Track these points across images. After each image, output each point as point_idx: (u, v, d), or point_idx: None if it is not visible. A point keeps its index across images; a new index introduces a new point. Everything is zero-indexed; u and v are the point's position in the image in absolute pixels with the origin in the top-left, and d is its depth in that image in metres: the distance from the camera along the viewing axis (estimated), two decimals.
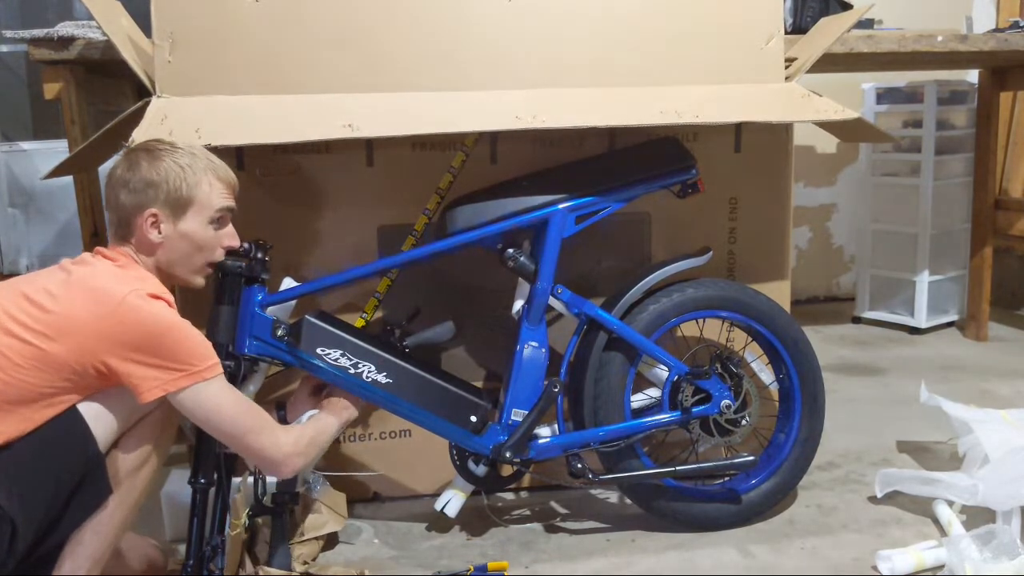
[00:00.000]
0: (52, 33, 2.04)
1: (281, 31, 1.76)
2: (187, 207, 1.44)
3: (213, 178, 1.47)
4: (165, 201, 1.42)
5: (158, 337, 1.31)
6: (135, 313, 1.30)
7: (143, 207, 1.41)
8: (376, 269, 1.77)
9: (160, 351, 1.31)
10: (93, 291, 1.31)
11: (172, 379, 1.32)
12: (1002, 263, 3.63)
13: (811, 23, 2.51)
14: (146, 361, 1.30)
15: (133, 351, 1.30)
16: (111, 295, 1.30)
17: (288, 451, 1.45)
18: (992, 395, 2.64)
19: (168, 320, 1.33)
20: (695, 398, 1.80)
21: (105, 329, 1.28)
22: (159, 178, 1.41)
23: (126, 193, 1.42)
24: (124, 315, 1.29)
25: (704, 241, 1.98)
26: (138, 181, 1.41)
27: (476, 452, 1.76)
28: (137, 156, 1.43)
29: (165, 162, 1.42)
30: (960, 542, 1.62)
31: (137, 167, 1.42)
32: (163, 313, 1.33)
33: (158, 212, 1.42)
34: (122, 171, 1.43)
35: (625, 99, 1.81)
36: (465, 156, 1.92)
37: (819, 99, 1.81)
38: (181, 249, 1.45)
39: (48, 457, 1.29)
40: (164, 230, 1.43)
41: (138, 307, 1.30)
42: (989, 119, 3.16)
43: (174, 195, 1.43)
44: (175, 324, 1.33)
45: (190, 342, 1.34)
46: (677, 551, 1.77)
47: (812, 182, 3.97)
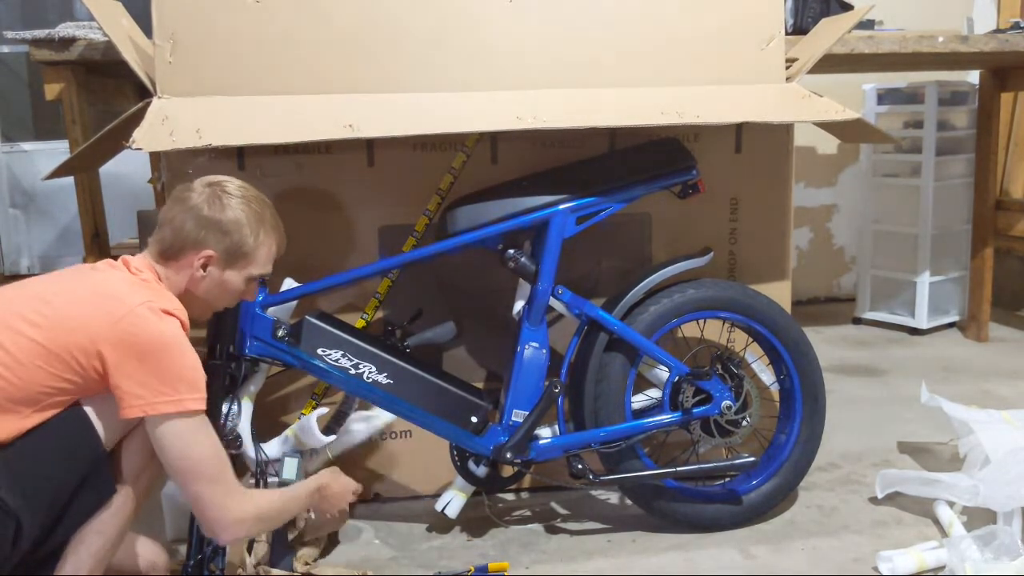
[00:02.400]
0: (53, 34, 2.05)
1: (282, 32, 1.76)
2: (242, 261, 1.44)
3: (273, 244, 1.48)
4: (227, 249, 1.42)
5: (155, 354, 1.27)
6: (141, 323, 1.28)
7: (203, 245, 1.41)
8: (377, 270, 1.77)
9: (153, 369, 1.27)
10: (105, 297, 1.30)
11: (155, 402, 1.28)
12: (1003, 264, 3.63)
13: (812, 24, 2.51)
14: (136, 376, 1.27)
15: (128, 361, 1.27)
16: (122, 302, 1.29)
17: (234, 517, 1.35)
18: (993, 396, 2.64)
19: (171, 339, 1.30)
20: (696, 399, 1.80)
21: (109, 333, 1.26)
22: (233, 226, 1.42)
23: (195, 224, 1.40)
24: (130, 323, 1.27)
25: (705, 242, 1.98)
26: (212, 220, 1.40)
27: (477, 453, 1.76)
28: (219, 192, 1.43)
29: (243, 211, 1.43)
30: (961, 543, 1.62)
31: (217, 204, 1.41)
32: (168, 331, 1.30)
33: (215, 255, 1.41)
34: (201, 200, 1.41)
35: (626, 99, 1.81)
36: (466, 156, 1.92)
37: (820, 100, 1.81)
38: (212, 291, 1.45)
39: (53, 455, 1.28)
40: (210, 271, 1.42)
41: (146, 319, 1.28)
42: (990, 120, 3.16)
43: (238, 247, 1.43)
44: (176, 345, 1.30)
45: (185, 369, 1.30)
46: (678, 552, 1.77)
47: (813, 182, 3.97)
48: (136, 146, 1.49)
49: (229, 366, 1.62)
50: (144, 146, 1.51)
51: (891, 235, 3.48)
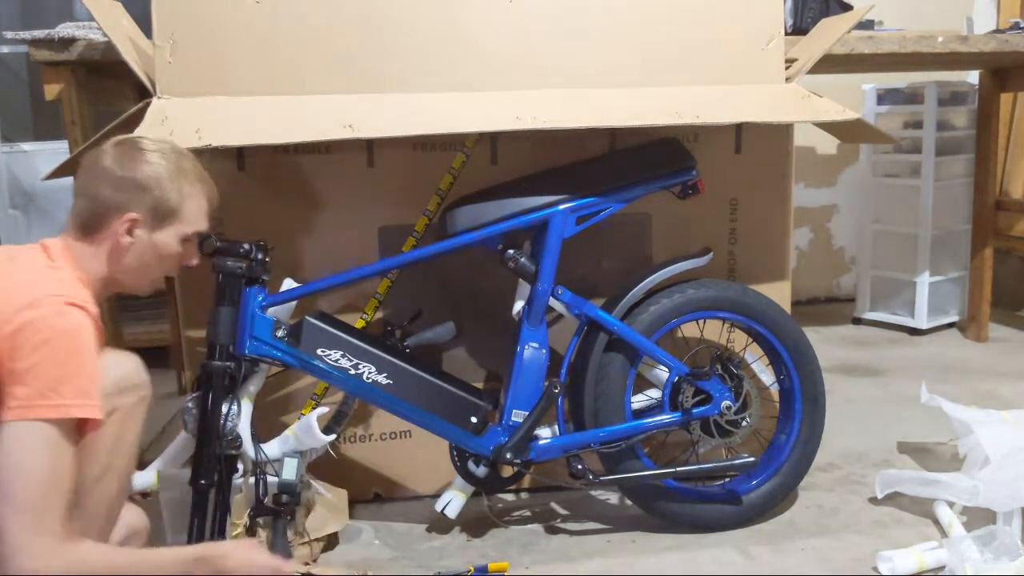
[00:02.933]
0: (53, 34, 2.04)
1: (282, 32, 1.76)
2: (170, 219, 1.33)
3: (202, 196, 1.38)
4: (151, 208, 1.31)
5: (49, 348, 1.12)
6: (39, 316, 1.13)
7: (124, 208, 1.29)
8: (377, 270, 1.77)
9: (43, 366, 1.11)
10: (8, 289, 1.17)
11: (35, 405, 1.10)
12: (1003, 264, 3.63)
13: (811, 24, 2.51)
14: (22, 372, 1.11)
15: (18, 356, 1.11)
16: (25, 293, 1.15)
17: (30, 564, 1.08)
18: (993, 396, 2.64)
19: (71, 333, 1.15)
20: (695, 399, 1.80)
21: (5, 327, 1.12)
22: (151, 182, 1.30)
23: (110, 188, 1.29)
24: (27, 316, 1.13)
25: (705, 242, 1.98)
26: (127, 179, 1.29)
27: (476, 453, 1.76)
28: (130, 150, 1.32)
29: (160, 165, 1.32)
30: (961, 543, 1.62)
31: (129, 163, 1.30)
32: (70, 325, 1.15)
33: (139, 217, 1.30)
34: (111, 163, 1.30)
35: (626, 100, 1.81)
36: (466, 157, 1.92)
37: (819, 100, 1.81)
38: (145, 259, 1.33)
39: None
40: (137, 235, 1.31)
41: (46, 311, 1.14)
42: (989, 120, 3.16)
43: (163, 203, 1.32)
44: (76, 341, 1.15)
45: (81, 369, 1.14)
46: (678, 552, 1.77)
47: (813, 183, 3.97)
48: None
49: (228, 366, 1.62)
50: None
51: (891, 235, 3.48)
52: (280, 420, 1.92)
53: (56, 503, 1.11)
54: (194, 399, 1.63)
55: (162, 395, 2.75)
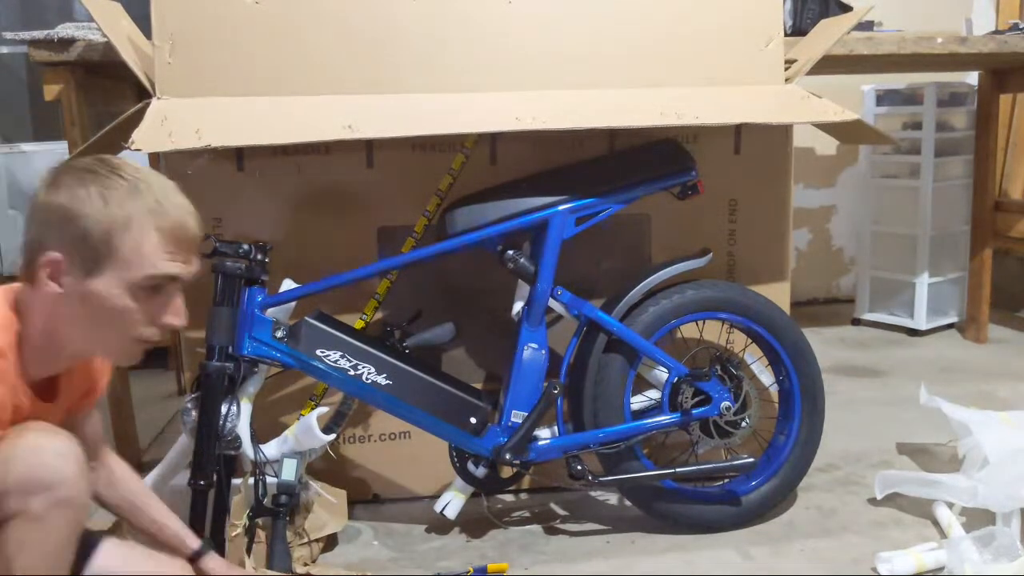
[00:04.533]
0: (52, 35, 2.04)
1: (281, 32, 1.76)
2: (104, 262, 1.03)
3: (151, 228, 1.05)
4: (74, 244, 1.02)
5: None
6: None
7: (44, 246, 1.02)
8: (376, 270, 1.77)
9: None
10: None
11: None
12: (1002, 265, 3.63)
13: (811, 25, 2.51)
14: None
15: None
16: None
17: None
18: (992, 397, 2.64)
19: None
20: (695, 400, 1.80)
21: None
22: (75, 210, 1.02)
23: (30, 220, 1.04)
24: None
25: (704, 243, 1.98)
26: (51, 209, 1.02)
27: (476, 454, 1.76)
28: (65, 172, 1.05)
29: (89, 189, 1.03)
30: (960, 544, 1.62)
31: (53, 188, 1.03)
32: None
33: (62, 258, 1.02)
34: (43, 190, 1.05)
35: (625, 101, 1.81)
36: (465, 157, 1.92)
37: (818, 101, 1.81)
38: (81, 315, 1.05)
39: None
40: (65, 284, 1.04)
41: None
42: (989, 121, 3.16)
43: (88, 241, 1.02)
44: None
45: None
46: (677, 553, 1.77)
47: (812, 184, 3.97)
48: (135, 147, 1.49)
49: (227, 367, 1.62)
50: (143, 147, 1.51)
51: (890, 236, 3.48)
52: (279, 421, 1.92)
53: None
54: (193, 400, 1.63)
55: (162, 395, 2.75)
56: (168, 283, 1.08)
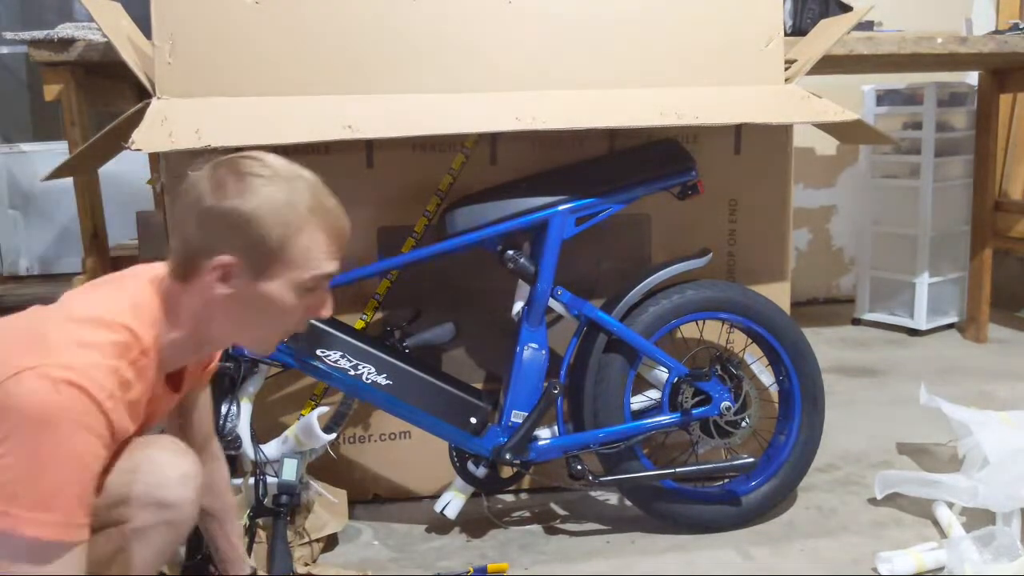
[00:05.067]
0: (52, 35, 2.05)
1: (281, 33, 1.76)
2: (276, 266, 1.03)
3: (318, 230, 1.06)
4: (249, 248, 1.02)
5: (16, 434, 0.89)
6: (19, 391, 0.90)
7: (214, 250, 1.01)
8: (376, 270, 1.77)
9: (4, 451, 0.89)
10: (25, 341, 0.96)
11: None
12: (1002, 265, 3.63)
13: (811, 25, 2.51)
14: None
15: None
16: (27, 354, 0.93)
17: None
18: (992, 397, 2.64)
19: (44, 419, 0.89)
20: (695, 400, 1.80)
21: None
22: (250, 216, 1.01)
23: (196, 224, 1.02)
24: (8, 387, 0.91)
25: (704, 243, 1.98)
26: (220, 211, 1.01)
27: (476, 454, 1.76)
28: (227, 174, 1.03)
29: (262, 193, 1.02)
30: (960, 544, 1.62)
31: (224, 189, 1.01)
32: (46, 410, 0.89)
33: (236, 262, 1.02)
34: (205, 187, 1.02)
35: (625, 101, 1.81)
36: (465, 157, 1.92)
37: (818, 101, 1.81)
38: (249, 314, 1.06)
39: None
40: (235, 285, 1.03)
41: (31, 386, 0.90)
42: (989, 121, 3.16)
43: (262, 245, 1.02)
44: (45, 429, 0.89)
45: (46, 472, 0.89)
46: (677, 553, 1.77)
47: (812, 184, 3.97)
48: (135, 147, 1.49)
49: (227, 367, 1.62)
50: (143, 147, 1.51)
51: (890, 236, 3.48)
52: (279, 421, 1.92)
53: None
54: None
55: None
56: (324, 279, 1.09)
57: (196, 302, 1.05)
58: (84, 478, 0.93)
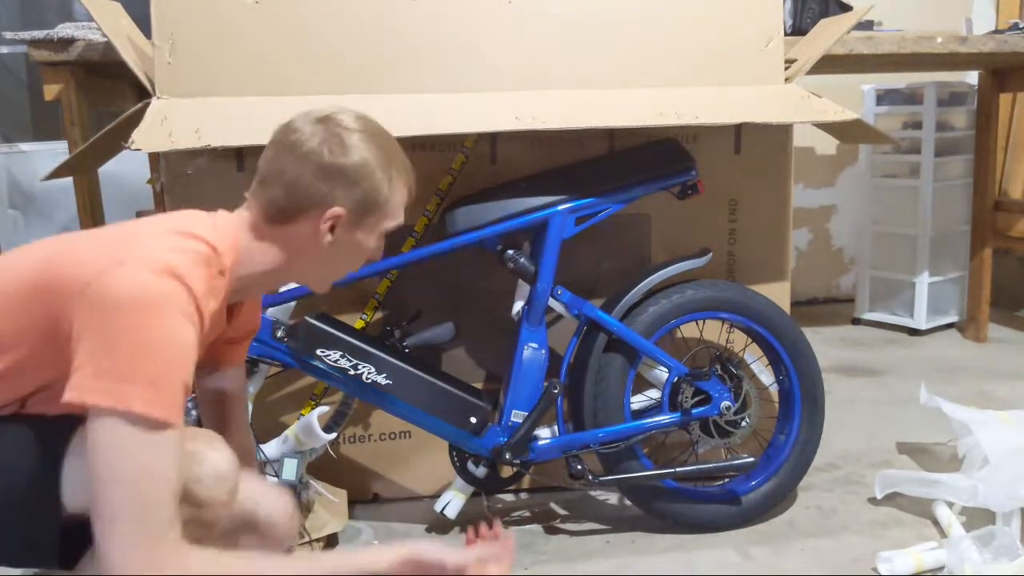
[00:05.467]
0: (52, 34, 2.04)
1: (281, 33, 1.76)
2: (376, 216, 1.15)
3: (404, 185, 1.19)
4: (358, 202, 1.12)
5: (119, 318, 0.92)
6: (120, 279, 0.93)
7: (330, 202, 1.10)
8: (376, 270, 1.77)
9: (108, 339, 0.92)
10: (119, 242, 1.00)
11: (91, 386, 0.91)
12: (1002, 264, 3.63)
13: (811, 24, 2.51)
14: (89, 345, 0.92)
15: (89, 323, 0.93)
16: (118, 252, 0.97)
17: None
18: (992, 396, 2.64)
19: (150, 305, 0.93)
20: (695, 399, 1.80)
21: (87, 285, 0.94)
22: (363, 173, 1.11)
23: (314, 176, 1.09)
24: (110, 276, 0.94)
25: (704, 242, 1.98)
26: (336, 168, 1.10)
27: (476, 453, 1.76)
28: (336, 130, 1.11)
29: (370, 151, 1.12)
30: (960, 543, 1.62)
31: (338, 147, 1.10)
32: (153, 293, 0.93)
33: (344, 213, 1.11)
34: (318, 143, 1.10)
35: (625, 100, 1.81)
36: (465, 157, 1.92)
37: (818, 100, 1.81)
38: (340, 258, 1.15)
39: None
40: (338, 235, 1.12)
41: (132, 274, 0.94)
42: (989, 120, 3.16)
43: (371, 199, 1.13)
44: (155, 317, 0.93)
45: (149, 353, 0.92)
46: (677, 552, 1.77)
47: (812, 183, 3.97)
48: (135, 147, 1.49)
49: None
50: (143, 147, 1.51)
51: (890, 236, 3.48)
52: (280, 420, 1.92)
53: (151, 516, 0.91)
54: (193, 399, 1.63)
55: None
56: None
57: (291, 245, 1.12)
58: (185, 366, 0.96)
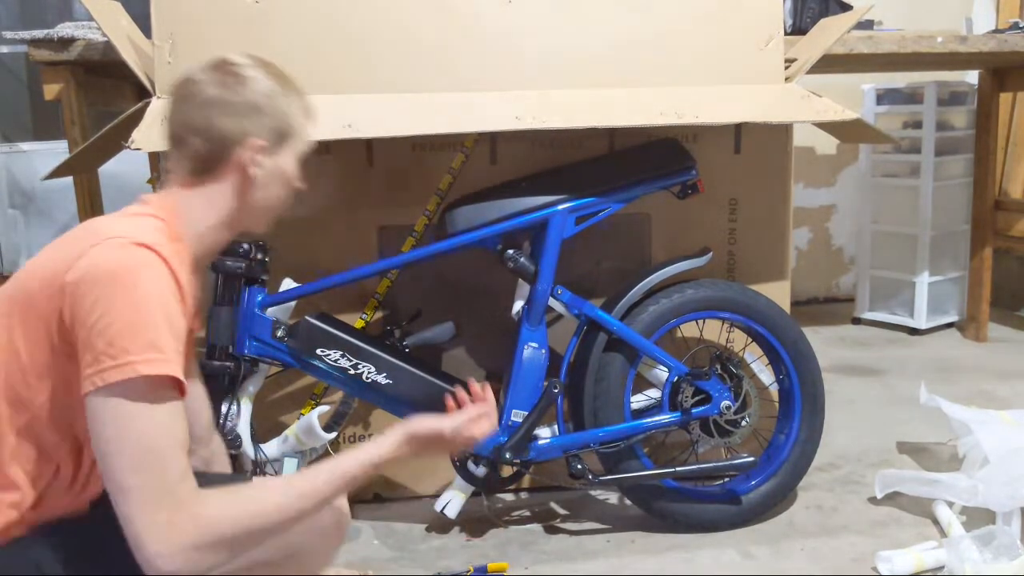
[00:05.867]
0: (52, 34, 2.04)
1: (281, 32, 1.76)
2: (287, 138, 1.19)
3: (303, 107, 1.23)
4: (271, 129, 1.15)
5: (106, 293, 0.95)
6: (98, 257, 0.97)
7: (248, 134, 1.13)
8: (376, 270, 1.77)
9: (101, 319, 0.94)
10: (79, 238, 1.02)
11: (102, 369, 0.93)
12: (1002, 264, 3.63)
13: (811, 24, 2.51)
14: (86, 332, 0.94)
15: (80, 308, 0.95)
16: (89, 239, 1.00)
17: (164, 546, 0.92)
18: (992, 396, 2.64)
19: (130, 273, 0.96)
20: (695, 399, 1.80)
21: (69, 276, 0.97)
22: (265, 100, 1.14)
23: (225, 116, 1.12)
24: (89, 259, 0.97)
25: (704, 242, 1.98)
26: (242, 103, 1.13)
27: (476, 453, 1.76)
28: (231, 70, 1.15)
29: (265, 80, 1.16)
30: (960, 543, 1.62)
31: (239, 85, 1.13)
32: (131, 263, 0.97)
33: (264, 142, 1.14)
34: (216, 89, 1.12)
35: (625, 100, 1.81)
36: (465, 157, 1.92)
37: (819, 100, 1.81)
38: (272, 189, 1.19)
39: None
40: (263, 164, 1.15)
41: (107, 251, 0.97)
42: (989, 120, 3.16)
43: (281, 122, 1.16)
44: (137, 282, 0.96)
45: (140, 316, 0.94)
46: (677, 552, 1.77)
47: (812, 183, 3.97)
48: (135, 146, 1.49)
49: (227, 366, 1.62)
50: (143, 146, 1.51)
51: (890, 235, 3.48)
52: (280, 420, 1.92)
53: (160, 476, 0.93)
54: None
55: None
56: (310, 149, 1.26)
57: (226, 190, 1.15)
58: (176, 320, 0.98)
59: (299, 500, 1.03)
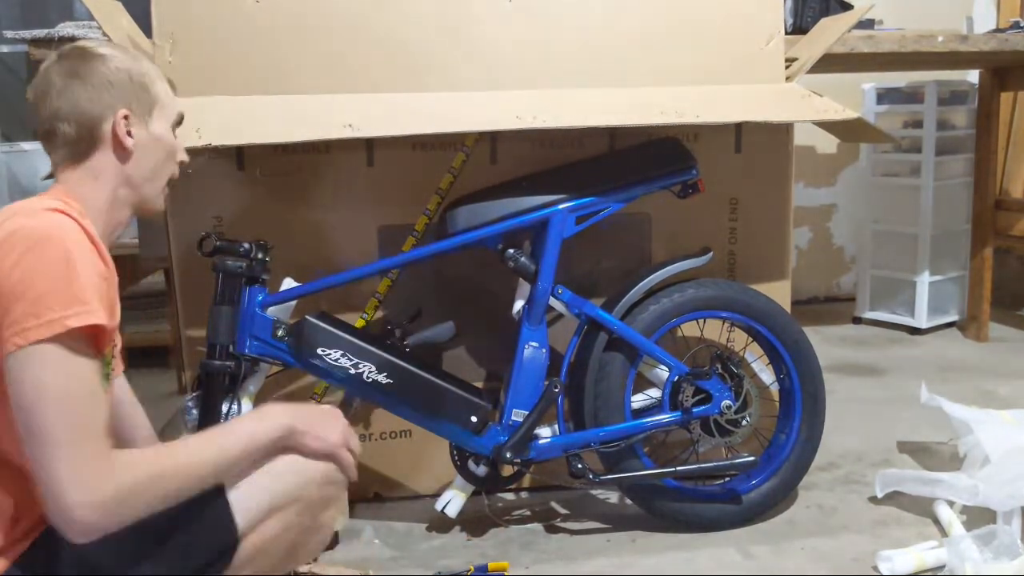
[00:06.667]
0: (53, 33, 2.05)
1: (282, 32, 1.76)
2: (153, 105, 1.21)
3: (161, 77, 1.25)
4: (133, 97, 1.18)
5: (25, 258, 0.98)
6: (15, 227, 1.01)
7: (113, 106, 1.15)
8: (377, 269, 1.77)
9: (21, 283, 0.97)
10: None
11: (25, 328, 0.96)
12: (1002, 263, 3.63)
13: (812, 23, 2.51)
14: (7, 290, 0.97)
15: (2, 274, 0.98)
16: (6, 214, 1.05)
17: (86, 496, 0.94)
18: (992, 395, 2.64)
19: (46, 236, 1.00)
20: (695, 398, 1.80)
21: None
22: (119, 73, 1.17)
23: (84, 96, 1.14)
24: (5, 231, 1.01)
25: (704, 241, 1.98)
26: (98, 79, 1.15)
27: (476, 452, 1.76)
28: (79, 55, 1.17)
29: (117, 58, 1.19)
30: (961, 542, 1.62)
31: (87, 65, 1.16)
32: (46, 228, 1.01)
33: (129, 112, 1.17)
34: (70, 71, 1.15)
35: (625, 99, 1.81)
36: (465, 156, 1.92)
37: (819, 99, 1.81)
38: (154, 157, 1.21)
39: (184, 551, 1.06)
40: (137, 134, 1.18)
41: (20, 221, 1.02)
42: (989, 119, 3.16)
43: (140, 91, 1.19)
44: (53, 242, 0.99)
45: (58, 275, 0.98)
46: (677, 551, 1.77)
47: (812, 182, 3.97)
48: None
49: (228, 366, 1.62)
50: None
51: (891, 235, 3.48)
52: None
53: (85, 426, 0.96)
54: (194, 399, 1.63)
55: (162, 394, 2.75)
56: (181, 119, 1.29)
57: (109, 167, 1.17)
58: (96, 271, 1.03)
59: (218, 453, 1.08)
